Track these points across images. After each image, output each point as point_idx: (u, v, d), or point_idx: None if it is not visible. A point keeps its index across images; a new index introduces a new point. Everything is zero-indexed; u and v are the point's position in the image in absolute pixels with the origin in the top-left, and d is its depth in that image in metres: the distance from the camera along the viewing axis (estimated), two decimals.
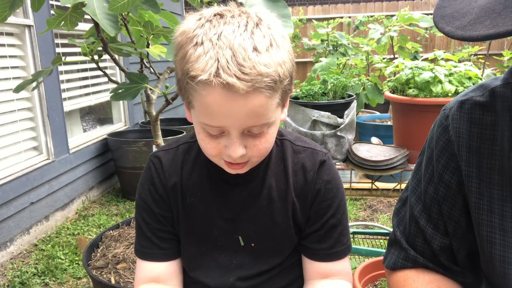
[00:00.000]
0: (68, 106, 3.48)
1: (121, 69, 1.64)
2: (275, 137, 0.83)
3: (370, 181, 2.00)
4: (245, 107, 0.69)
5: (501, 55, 4.28)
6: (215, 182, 0.90)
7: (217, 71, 0.66)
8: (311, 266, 0.94)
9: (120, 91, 1.46)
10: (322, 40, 4.05)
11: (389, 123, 3.59)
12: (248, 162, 0.81)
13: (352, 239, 2.10)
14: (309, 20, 7.03)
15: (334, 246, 0.91)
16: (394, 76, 1.97)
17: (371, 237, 2.39)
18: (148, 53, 1.61)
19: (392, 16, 3.66)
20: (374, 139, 2.36)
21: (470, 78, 1.77)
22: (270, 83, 0.69)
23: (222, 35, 0.68)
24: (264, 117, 0.73)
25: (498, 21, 0.49)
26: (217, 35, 0.68)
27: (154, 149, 1.71)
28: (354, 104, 1.94)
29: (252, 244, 0.92)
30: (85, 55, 1.56)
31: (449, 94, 1.70)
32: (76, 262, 2.66)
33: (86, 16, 1.32)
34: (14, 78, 2.85)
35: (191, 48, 0.69)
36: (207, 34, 0.69)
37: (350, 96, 2.00)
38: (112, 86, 3.58)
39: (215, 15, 0.72)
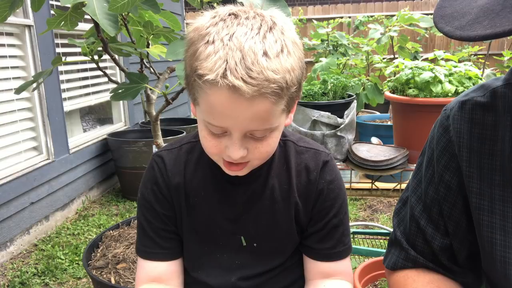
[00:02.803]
0: (68, 106, 3.48)
1: (121, 69, 1.64)
2: (278, 141, 0.82)
3: (370, 181, 2.00)
4: (249, 110, 0.69)
5: (501, 55, 4.29)
6: (218, 182, 0.90)
7: (224, 72, 0.66)
8: (313, 266, 0.94)
9: (120, 91, 1.46)
10: (322, 40, 4.05)
11: (389, 123, 3.59)
12: (248, 164, 0.80)
13: (352, 239, 2.10)
14: (309, 20, 7.03)
15: (336, 246, 0.91)
16: (394, 76, 1.97)
17: (371, 237, 2.39)
18: (148, 53, 1.61)
19: (392, 16, 3.66)
20: (374, 139, 2.36)
21: (470, 78, 1.77)
22: (277, 90, 0.68)
23: (234, 36, 0.67)
24: (268, 122, 0.73)
25: (496, 21, 0.49)
26: (229, 36, 0.68)
27: (154, 149, 1.71)
28: (354, 104, 1.94)
29: (254, 244, 0.92)
30: (85, 55, 1.56)
31: (449, 94, 1.70)
32: (76, 262, 2.66)
33: (86, 16, 1.32)
34: (14, 78, 2.85)
35: (202, 46, 0.69)
36: (219, 34, 0.68)
37: (350, 96, 2.00)
38: (112, 86, 3.57)
39: (229, 15, 0.71)
